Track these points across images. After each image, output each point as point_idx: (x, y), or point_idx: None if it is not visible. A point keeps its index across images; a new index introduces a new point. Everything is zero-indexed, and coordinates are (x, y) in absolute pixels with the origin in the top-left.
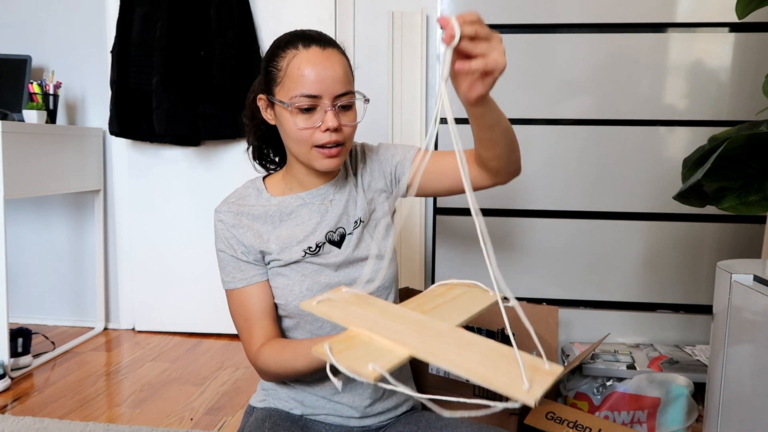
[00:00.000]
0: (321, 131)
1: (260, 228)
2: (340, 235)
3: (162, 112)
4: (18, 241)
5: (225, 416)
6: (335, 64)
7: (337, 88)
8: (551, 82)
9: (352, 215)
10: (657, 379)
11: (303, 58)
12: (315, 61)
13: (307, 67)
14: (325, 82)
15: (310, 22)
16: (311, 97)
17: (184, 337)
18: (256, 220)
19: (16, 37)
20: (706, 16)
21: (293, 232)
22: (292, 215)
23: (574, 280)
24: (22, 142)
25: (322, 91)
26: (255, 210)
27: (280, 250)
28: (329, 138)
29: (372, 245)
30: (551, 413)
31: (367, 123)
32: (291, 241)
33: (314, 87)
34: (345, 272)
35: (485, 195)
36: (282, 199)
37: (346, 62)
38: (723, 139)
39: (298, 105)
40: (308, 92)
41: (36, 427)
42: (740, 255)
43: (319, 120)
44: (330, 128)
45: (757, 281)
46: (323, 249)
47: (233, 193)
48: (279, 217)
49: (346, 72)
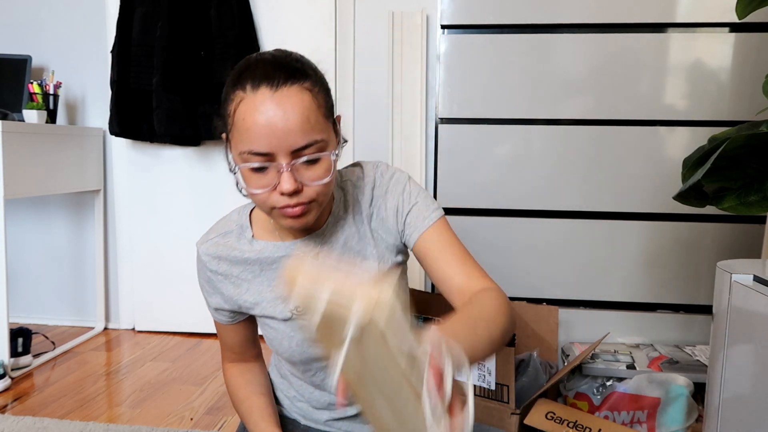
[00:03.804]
0: (277, 194)
1: (240, 275)
2: None
3: (162, 112)
4: (18, 241)
5: (225, 416)
6: (291, 109)
7: (294, 142)
8: (551, 82)
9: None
10: (657, 379)
11: (249, 105)
12: (263, 109)
13: (253, 118)
14: (277, 135)
15: (310, 22)
16: (261, 155)
17: (184, 337)
18: (236, 265)
19: (16, 37)
20: (706, 16)
21: (274, 288)
22: (275, 266)
23: (574, 280)
24: (22, 142)
25: (273, 147)
26: (234, 254)
27: (262, 304)
28: (287, 202)
29: None
30: (551, 413)
31: (367, 123)
32: (274, 297)
33: (263, 143)
34: None
35: (485, 195)
36: (264, 245)
37: (311, 101)
38: (723, 139)
39: (247, 164)
40: (256, 150)
41: (36, 427)
42: (740, 255)
43: (274, 181)
44: (285, 192)
45: (757, 281)
46: None
47: (217, 224)
48: (259, 266)
49: (308, 117)
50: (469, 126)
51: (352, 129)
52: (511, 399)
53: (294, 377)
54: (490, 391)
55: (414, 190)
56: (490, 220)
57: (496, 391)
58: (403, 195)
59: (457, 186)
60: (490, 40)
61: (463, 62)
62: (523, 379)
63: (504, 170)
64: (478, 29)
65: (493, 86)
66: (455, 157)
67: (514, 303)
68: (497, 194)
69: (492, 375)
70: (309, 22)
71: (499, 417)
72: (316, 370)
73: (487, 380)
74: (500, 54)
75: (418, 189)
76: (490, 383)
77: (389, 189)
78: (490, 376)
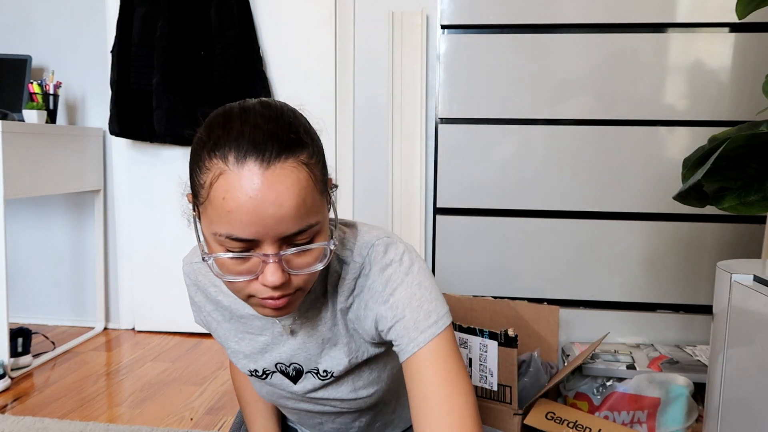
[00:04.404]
0: (258, 283)
1: (211, 312)
2: (295, 370)
3: (162, 112)
4: (18, 241)
5: (225, 416)
6: (285, 192)
7: (285, 229)
8: (551, 82)
9: (316, 360)
10: (657, 379)
11: (231, 182)
12: (250, 191)
13: (236, 200)
14: (265, 223)
15: (310, 22)
16: (243, 241)
17: (184, 337)
18: (209, 302)
19: (16, 37)
20: (706, 16)
21: (242, 341)
22: (242, 321)
23: (574, 280)
24: (22, 142)
25: (259, 235)
26: (210, 291)
27: (229, 349)
28: (271, 294)
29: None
30: (551, 413)
31: (367, 124)
32: (237, 350)
33: (247, 231)
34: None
35: (485, 195)
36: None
37: (307, 179)
38: (723, 139)
39: (226, 248)
40: (238, 236)
41: (36, 427)
42: (740, 255)
43: (256, 269)
44: (270, 286)
45: (757, 281)
46: (272, 378)
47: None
48: (230, 314)
49: (304, 200)
50: (469, 126)
51: (351, 129)
52: (514, 400)
53: None
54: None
55: (403, 298)
56: (490, 219)
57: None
58: (386, 305)
59: (457, 186)
60: (490, 40)
61: (463, 62)
62: (525, 379)
63: (504, 170)
64: (478, 29)
65: (493, 86)
66: (455, 157)
67: (514, 303)
68: (497, 194)
69: (494, 376)
70: (309, 22)
71: (501, 418)
72: (289, 411)
73: (489, 381)
74: (500, 54)
75: (410, 294)
76: (492, 384)
77: (375, 289)
78: (492, 377)
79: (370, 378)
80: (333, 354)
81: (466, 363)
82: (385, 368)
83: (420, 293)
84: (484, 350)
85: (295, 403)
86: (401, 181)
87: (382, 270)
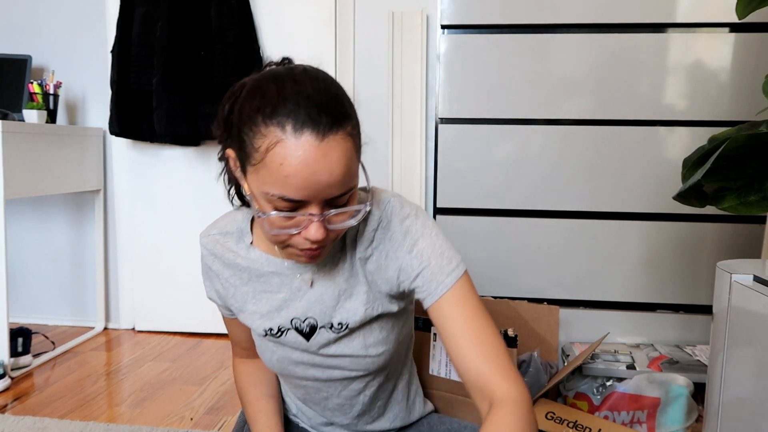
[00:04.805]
0: (300, 237)
1: (229, 278)
2: (309, 326)
3: (162, 112)
4: (18, 241)
5: (225, 416)
6: (336, 161)
7: (331, 192)
8: (551, 82)
9: (331, 313)
10: (657, 379)
11: (289, 150)
12: (306, 160)
13: (293, 167)
14: (317, 188)
15: (310, 22)
16: (293, 201)
17: (184, 337)
18: (227, 267)
19: (16, 37)
20: (706, 16)
21: (259, 301)
22: (262, 280)
23: (574, 280)
24: (22, 142)
25: (309, 197)
26: (228, 256)
27: (245, 313)
28: (310, 246)
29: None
30: (551, 413)
31: (367, 123)
32: (254, 310)
33: (300, 193)
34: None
35: (485, 195)
36: (259, 256)
37: (352, 149)
38: (723, 139)
39: (275, 206)
40: (290, 197)
41: (36, 427)
42: (740, 255)
43: (301, 225)
44: (312, 240)
45: (757, 281)
46: (287, 335)
47: (223, 219)
48: (248, 275)
49: (349, 167)
50: (469, 126)
51: None
52: None
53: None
54: None
55: (426, 247)
56: (490, 220)
57: None
58: (411, 254)
59: (456, 186)
60: (491, 40)
61: (463, 62)
62: (525, 379)
63: (504, 170)
64: (478, 29)
65: (493, 86)
66: (455, 157)
67: (514, 303)
68: (497, 194)
69: None
70: (309, 22)
71: None
72: (297, 385)
73: None
74: (500, 54)
75: (431, 243)
76: None
77: (395, 240)
78: None
79: (380, 336)
80: (348, 306)
81: None
82: (393, 330)
83: (439, 243)
84: None
85: (304, 370)
86: (401, 181)
87: (401, 221)
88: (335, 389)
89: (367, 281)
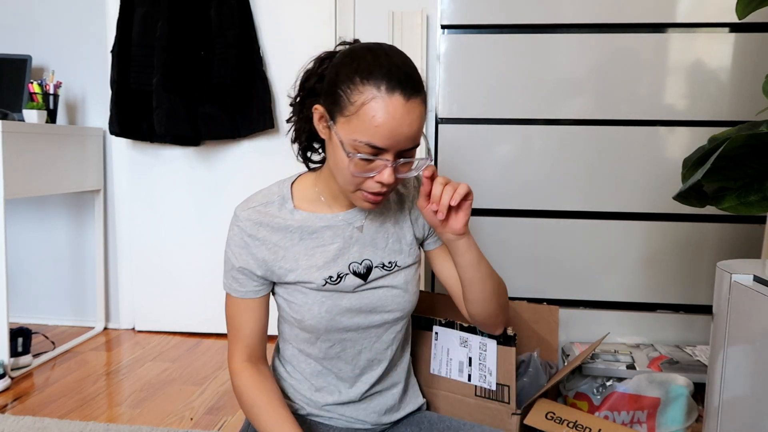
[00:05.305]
0: (373, 181)
1: (278, 242)
2: (366, 267)
3: (162, 112)
4: (18, 241)
5: (225, 416)
6: (415, 120)
7: (406, 145)
8: (551, 82)
9: (383, 254)
10: (657, 379)
11: (382, 105)
12: (395, 114)
13: (383, 119)
14: (398, 139)
15: (310, 22)
16: (376, 148)
17: (184, 337)
18: (276, 232)
19: (16, 37)
20: (706, 16)
21: (313, 256)
22: (315, 236)
23: (574, 280)
24: (22, 142)
25: (390, 146)
26: (276, 221)
27: (297, 271)
28: (379, 190)
29: (399, 278)
30: (551, 413)
31: None
32: (309, 265)
33: (384, 141)
34: (366, 295)
35: (485, 195)
36: (306, 216)
37: (423, 114)
38: (723, 139)
39: (359, 151)
40: (376, 144)
41: (36, 427)
42: (740, 255)
43: (376, 171)
44: (384, 183)
45: (757, 281)
46: (345, 280)
47: (258, 194)
48: (299, 234)
49: (421, 126)
50: (469, 126)
51: None
52: (512, 399)
53: (303, 356)
54: (491, 391)
55: None
56: (490, 219)
57: (496, 391)
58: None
59: None
60: (490, 40)
61: (463, 62)
62: (524, 379)
63: (504, 170)
64: (478, 29)
65: (493, 86)
66: (455, 157)
67: (514, 303)
68: (497, 194)
69: (493, 375)
70: (309, 22)
71: (499, 417)
72: (335, 341)
73: (488, 380)
74: (500, 54)
75: None
76: (490, 383)
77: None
78: (491, 377)
79: (414, 279)
80: (397, 247)
81: (466, 362)
82: (416, 278)
83: None
84: (484, 349)
85: (350, 318)
86: None
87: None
88: (370, 341)
89: (411, 226)
